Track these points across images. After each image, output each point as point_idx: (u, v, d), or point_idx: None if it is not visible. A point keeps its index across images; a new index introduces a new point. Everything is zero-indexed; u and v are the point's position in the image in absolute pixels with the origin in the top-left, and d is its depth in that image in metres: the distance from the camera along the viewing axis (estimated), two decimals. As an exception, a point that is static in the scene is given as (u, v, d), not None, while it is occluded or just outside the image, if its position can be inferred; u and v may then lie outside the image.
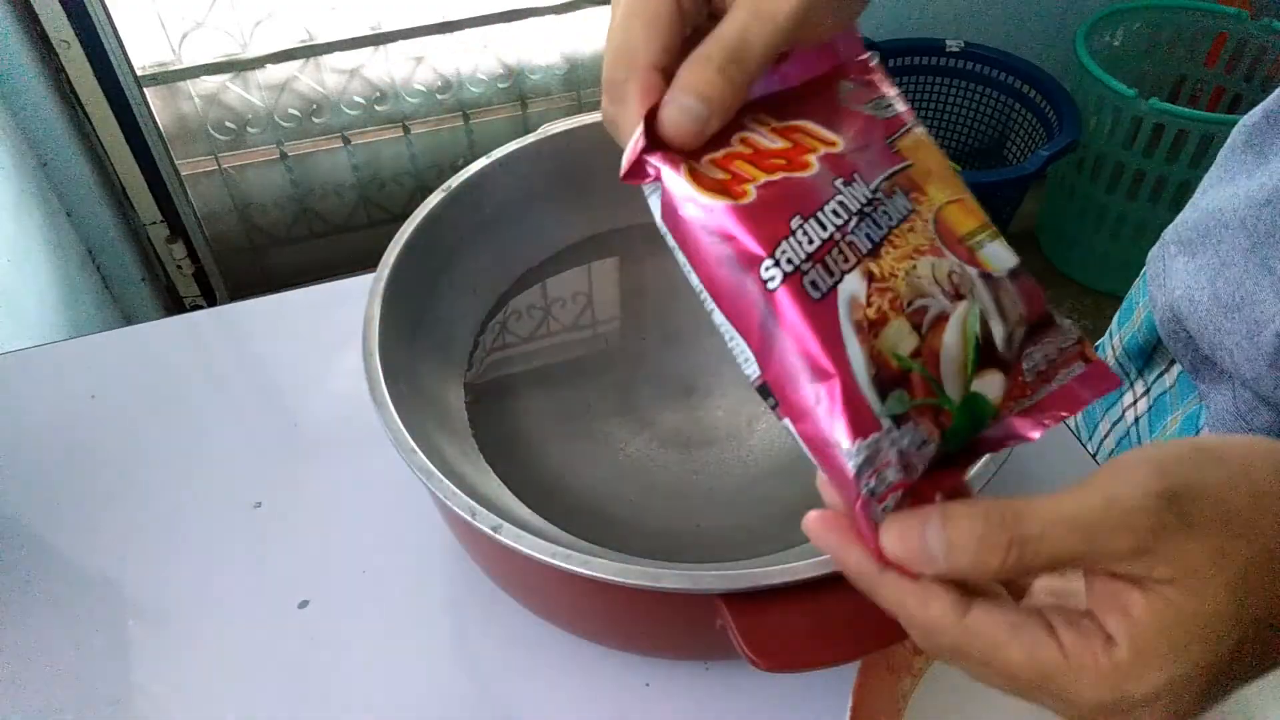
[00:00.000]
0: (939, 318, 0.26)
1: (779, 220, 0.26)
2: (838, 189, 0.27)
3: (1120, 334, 0.63)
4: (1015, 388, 0.28)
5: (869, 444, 0.25)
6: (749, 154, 0.28)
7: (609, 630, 0.46)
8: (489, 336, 0.56)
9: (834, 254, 0.26)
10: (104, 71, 1.27)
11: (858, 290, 0.26)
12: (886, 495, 0.26)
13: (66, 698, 0.47)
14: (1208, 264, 0.50)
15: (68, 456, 0.57)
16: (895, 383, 0.26)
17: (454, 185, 0.53)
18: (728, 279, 0.26)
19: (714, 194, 0.26)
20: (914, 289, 0.26)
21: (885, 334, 0.26)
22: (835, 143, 0.28)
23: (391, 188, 1.62)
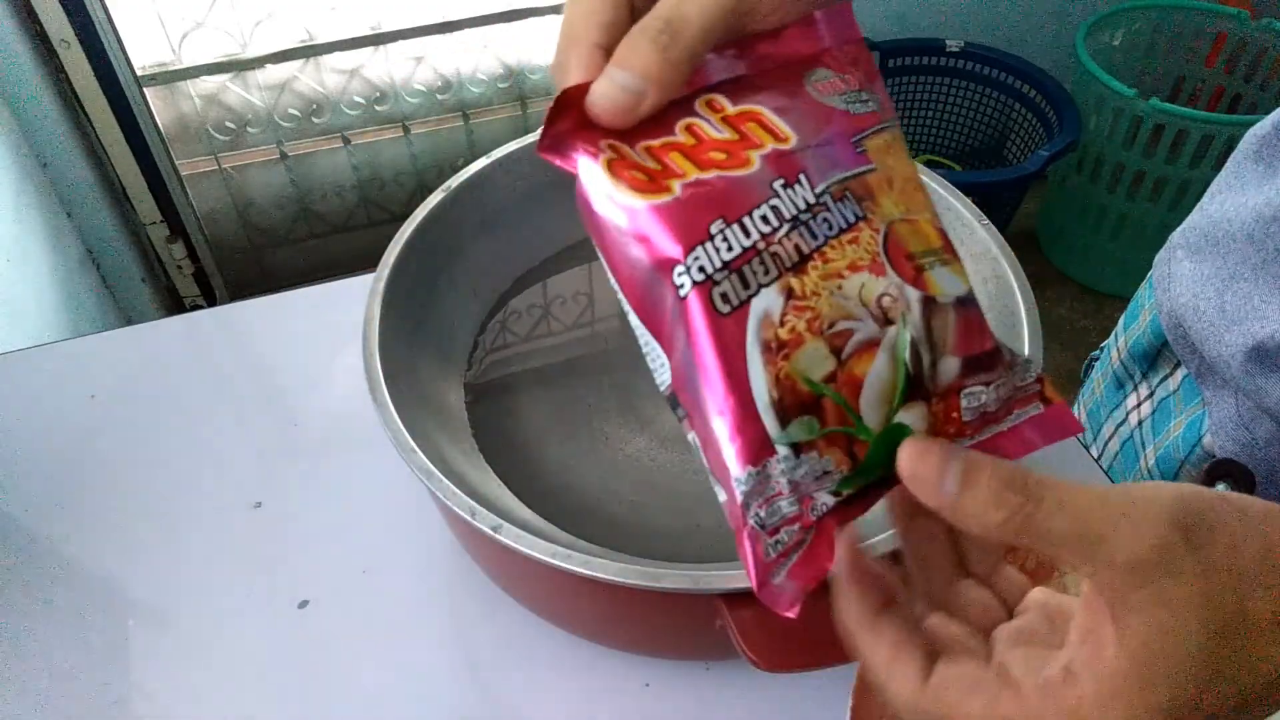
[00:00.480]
0: (866, 344, 0.25)
1: (699, 223, 0.24)
2: (775, 191, 0.25)
3: (1125, 336, 0.62)
4: (944, 424, 0.26)
5: (759, 471, 0.24)
6: (689, 145, 0.26)
7: (609, 630, 0.46)
8: (489, 336, 0.56)
9: (753, 264, 0.24)
10: (104, 71, 1.27)
11: (772, 307, 0.24)
12: (779, 529, 0.24)
13: (66, 698, 0.47)
14: (1215, 274, 0.50)
15: (68, 456, 0.57)
16: (803, 409, 0.24)
17: (454, 185, 0.53)
18: (642, 280, 0.25)
19: (632, 191, 0.24)
20: (837, 310, 0.25)
21: (797, 356, 0.24)
22: (788, 138, 0.26)
23: (391, 188, 1.62)
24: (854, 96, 0.28)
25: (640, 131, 0.26)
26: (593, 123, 0.25)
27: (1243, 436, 0.50)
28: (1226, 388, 0.51)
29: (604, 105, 0.25)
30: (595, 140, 0.25)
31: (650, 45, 0.25)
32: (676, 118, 0.26)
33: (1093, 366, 0.70)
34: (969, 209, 0.51)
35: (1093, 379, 0.69)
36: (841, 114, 0.27)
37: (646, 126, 0.26)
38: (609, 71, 0.25)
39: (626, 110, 0.25)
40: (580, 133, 0.25)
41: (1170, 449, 0.56)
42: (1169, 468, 0.56)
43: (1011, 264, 0.48)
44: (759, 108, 0.26)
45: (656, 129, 0.26)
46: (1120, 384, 0.64)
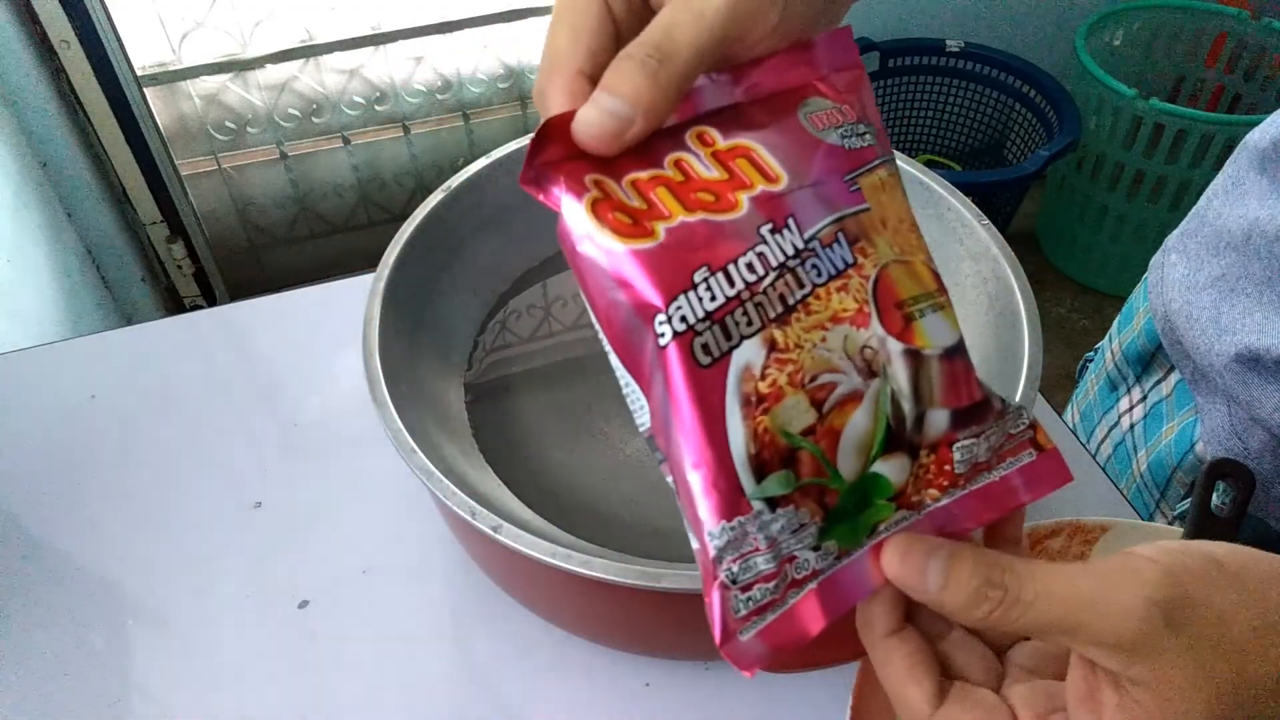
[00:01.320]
0: (848, 397, 0.24)
1: (683, 270, 0.23)
2: (761, 238, 0.24)
3: (1120, 339, 0.62)
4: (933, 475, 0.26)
5: (733, 527, 0.23)
6: (676, 182, 0.25)
7: (609, 630, 0.46)
8: (489, 336, 0.56)
9: (736, 315, 0.24)
10: (104, 71, 1.27)
11: (754, 360, 0.24)
12: (753, 586, 0.24)
13: (66, 698, 0.47)
14: (1210, 282, 0.50)
15: (68, 456, 0.57)
16: (781, 462, 0.24)
17: (454, 185, 0.53)
18: (623, 323, 0.24)
19: (615, 235, 0.24)
20: (819, 363, 0.24)
21: (777, 411, 0.24)
22: (778, 178, 0.25)
23: (391, 188, 1.62)
24: (850, 129, 0.27)
25: (627, 163, 0.25)
26: (577, 155, 0.25)
27: (1235, 446, 0.50)
28: (1219, 395, 0.51)
29: (590, 131, 0.24)
30: (580, 176, 0.24)
31: (639, 70, 0.24)
32: (665, 150, 0.25)
33: (1087, 368, 0.69)
34: (969, 209, 0.51)
35: (1087, 380, 0.68)
36: (837, 150, 0.26)
37: (634, 158, 0.25)
38: (596, 97, 0.24)
39: (613, 137, 0.24)
40: (564, 166, 0.25)
41: (1163, 454, 0.56)
42: (1161, 474, 0.56)
43: (1011, 264, 0.48)
44: (750, 143, 0.26)
45: (644, 161, 0.25)
46: (1114, 386, 0.64)
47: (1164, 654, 0.23)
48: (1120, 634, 0.23)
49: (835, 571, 0.25)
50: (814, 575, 0.24)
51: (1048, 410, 0.58)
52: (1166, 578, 0.24)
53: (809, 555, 0.24)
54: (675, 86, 0.25)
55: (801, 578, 0.24)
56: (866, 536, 0.25)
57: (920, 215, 0.55)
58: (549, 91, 0.26)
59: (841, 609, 0.25)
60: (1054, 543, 0.44)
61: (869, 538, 0.25)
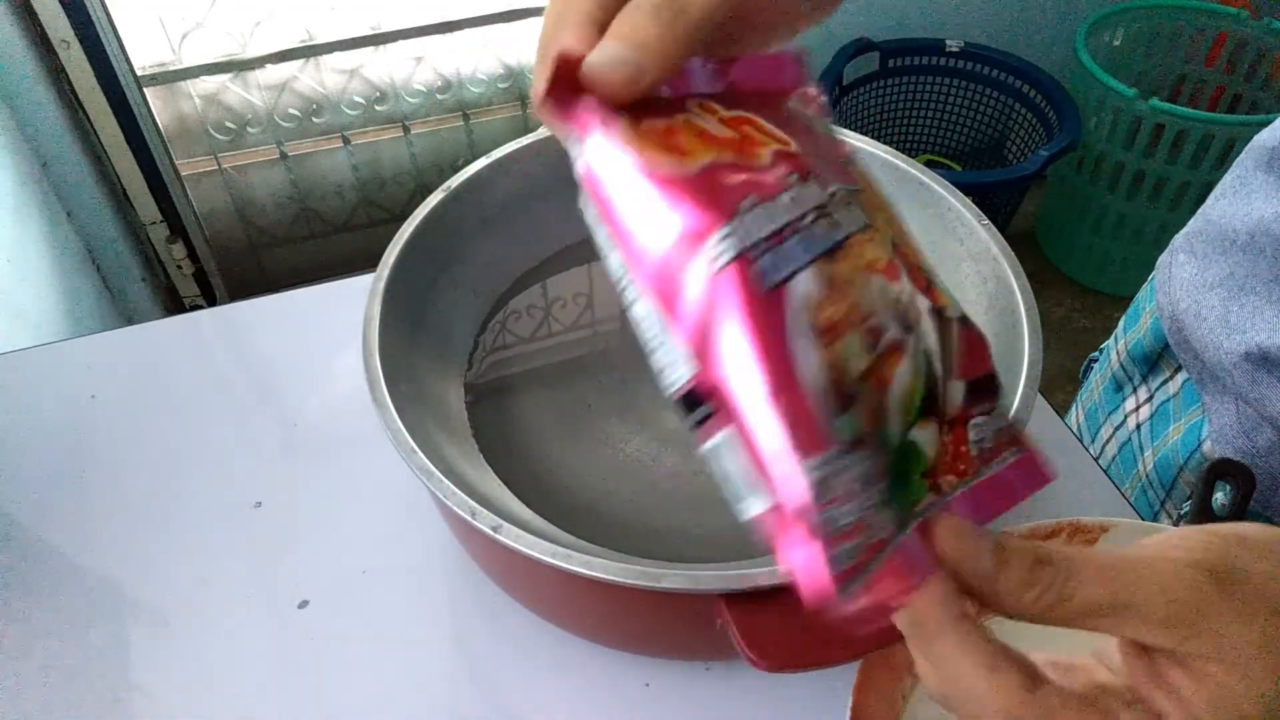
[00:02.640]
0: (894, 345, 0.23)
1: (730, 197, 0.22)
2: (793, 183, 0.23)
3: (1125, 339, 0.62)
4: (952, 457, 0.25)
5: (822, 461, 0.21)
6: (695, 132, 0.24)
7: (609, 630, 0.46)
8: (489, 336, 0.56)
9: (791, 243, 0.22)
10: (104, 71, 1.27)
11: (812, 290, 0.22)
12: (842, 539, 0.21)
13: (66, 698, 0.47)
14: (1219, 281, 0.50)
15: (68, 456, 0.57)
16: (850, 400, 0.22)
17: (454, 185, 0.53)
18: (663, 258, 0.22)
19: (659, 155, 0.23)
20: (870, 303, 0.23)
21: (842, 345, 0.22)
22: (788, 142, 0.25)
23: (391, 188, 1.62)
24: (828, 125, 0.27)
25: (645, 114, 0.24)
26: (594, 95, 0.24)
27: (1244, 444, 0.50)
28: (1227, 394, 0.51)
29: (603, 72, 0.24)
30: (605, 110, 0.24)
31: (653, 20, 0.24)
32: (674, 111, 0.25)
33: (1091, 368, 0.69)
34: (969, 209, 0.51)
35: (1091, 380, 0.68)
36: (826, 137, 0.27)
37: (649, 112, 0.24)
38: (608, 43, 0.24)
39: (626, 82, 0.24)
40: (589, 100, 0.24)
41: (1169, 454, 0.56)
42: (1167, 474, 0.56)
43: (1011, 264, 0.48)
44: (753, 115, 0.25)
45: (659, 115, 0.24)
46: (1119, 386, 0.64)
47: (1221, 621, 0.22)
48: (1172, 605, 0.22)
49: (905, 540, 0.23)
50: (892, 535, 0.23)
51: (1048, 411, 0.58)
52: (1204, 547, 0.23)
53: (881, 517, 0.22)
54: (686, 41, 0.24)
55: (877, 542, 0.22)
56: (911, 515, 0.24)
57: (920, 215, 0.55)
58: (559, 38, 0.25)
59: (918, 581, 0.23)
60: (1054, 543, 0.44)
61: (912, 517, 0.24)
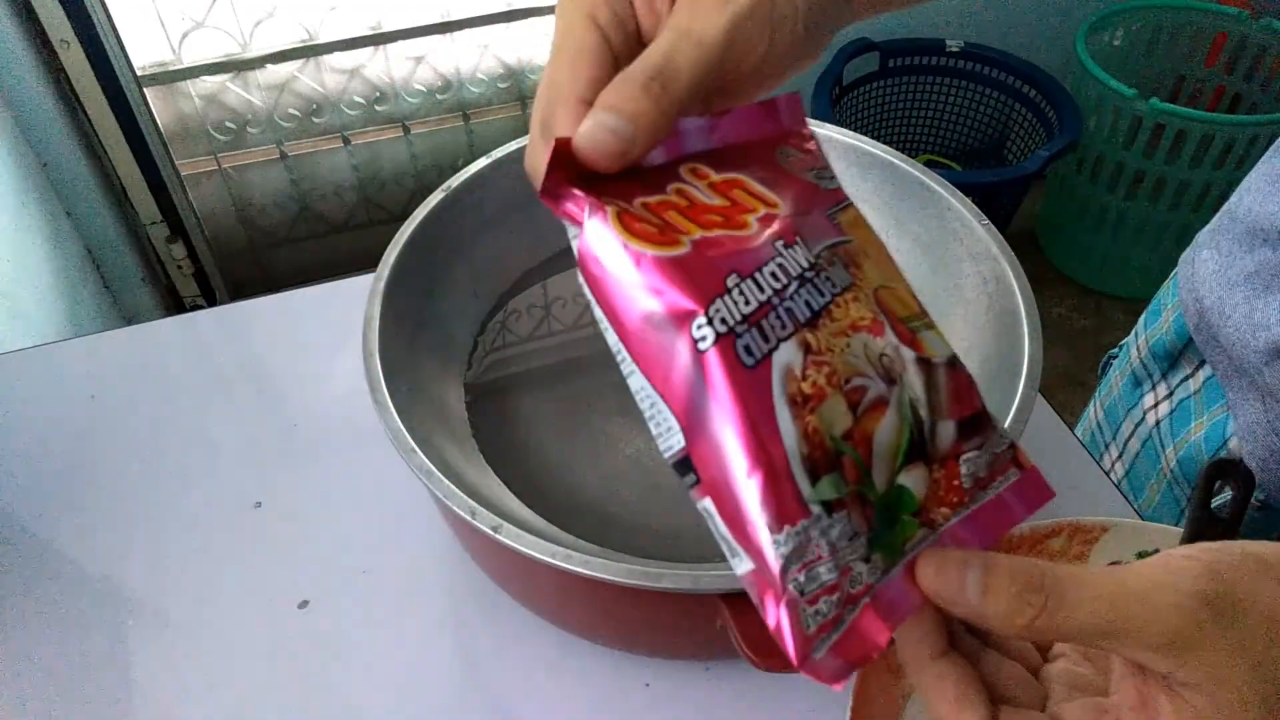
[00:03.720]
0: (877, 401, 0.24)
1: (714, 276, 0.24)
2: (778, 251, 0.25)
3: (1146, 335, 0.62)
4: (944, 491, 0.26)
5: (797, 531, 0.23)
6: (684, 205, 0.25)
7: (609, 630, 0.46)
8: (489, 336, 0.56)
9: (771, 318, 0.24)
10: (104, 71, 1.27)
11: (793, 360, 0.24)
12: (818, 598, 0.23)
13: (66, 698, 0.47)
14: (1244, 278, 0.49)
15: (68, 456, 0.57)
16: (829, 465, 0.23)
17: (454, 185, 0.53)
18: (653, 338, 0.24)
19: (644, 241, 0.24)
20: (851, 366, 0.24)
21: (822, 411, 0.23)
22: (776, 204, 0.26)
23: (391, 188, 1.62)
24: (820, 173, 0.28)
25: (635, 189, 0.25)
26: (590, 179, 0.25)
27: (1272, 442, 0.50)
28: (1253, 391, 0.51)
29: (594, 146, 0.24)
30: (598, 194, 0.25)
31: (641, 92, 0.25)
32: (666, 181, 0.26)
33: (1110, 364, 0.69)
34: (969, 209, 0.51)
35: (1110, 377, 0.68)
36: (813, 187, 0.27)
37: (639, 185, 0.25)
38: (597, 115, 0.25)
39: (616, 154, 0.25)
40: (582, 185, 0.25)
41: (1193, 451, 0.56)
42: (1192, 470, 0.56)
43: (1011, 264, 0.48)
44: (742, 176, 0.26)
45: (650, 188, 0.25)
46: (1138, 382, 0.63)
47: (1215, 651, 0.22)
48: (1167, 632, 0.22)
49: (881, 586, 0.24)
50: (868, 589, 0.24)
51: (1049, 411, 0.58)
52: (1209, 573, 0.23)
53: (862, 567, 0.24)
54: (674, 109, 0.25)
55: (858, 591, 0.24)
56: (899, 554, 0.25)
57: (920, 215, 0.55)
58: (556, 119, 0.26)
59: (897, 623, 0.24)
60: (1054, 543, 0.44)
61: (901, 555, 0.25)
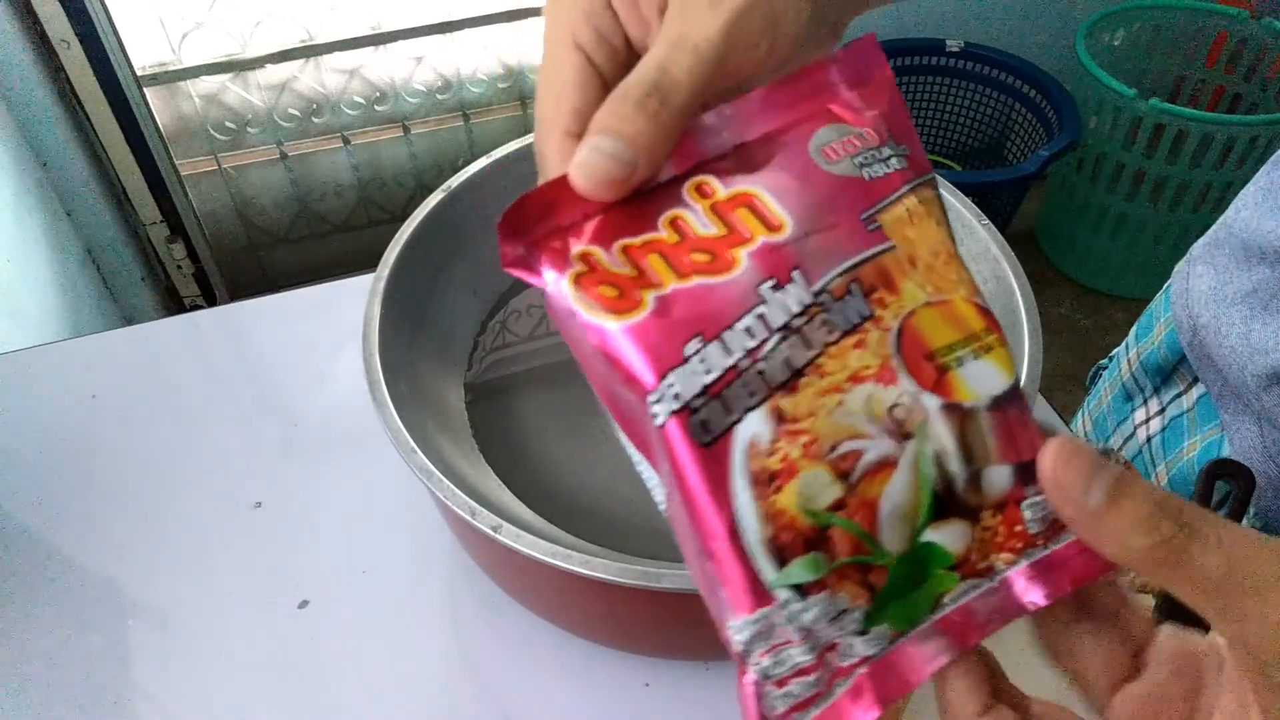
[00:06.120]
0: (880, 463, 0.22)
1: (674, 343, 0.22)
2: (762, 298, 0.22)
3: (1138, 349, 0.61)
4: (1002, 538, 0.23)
5: (755, 620, 0.21)
6: (670, 244, 0.23)
7: (609, 630, 0.46)
8: (489, 336, 0.56)
9: (736, 387, 0.22)
10: (104, 71, 1.27)
11: (760, 433, 0.21)
12: (788, 681, 0.21)
13: (66, 698, 0.47)
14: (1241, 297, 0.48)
15: (68, 456, 0.57)
16: (806, 545, 0.21)
17: (454, 185, 0.53)
18: (623, 400, 0.22)
19: (601, 310, 0.22)
20: (839, 430, 0.22)
21: (793, 487, 0.21)
22: (782, 226, 0.23)
23: (391, 188, 1.62)
24: (871, 156, 0.24)
25: (619, 227, 0.23)
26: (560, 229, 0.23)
27: (1268, 468, 0.48)
28: (1249, 414, 0.50)
29: (591, 176, 0.23)
30: (565, 251, 0.23)
31: (637, 110, 0.23)
32: (661, 208, 0.24)
33: (1099, 375, 0.68)
34: (969, 209, 0.51)
35: (1099, 389, 0.67)
36: (853, 183, 0.24)
37: (626, 221, 0.23)
38: (593, 141, 0.23)
39: (616, 183, 0.23)
40: (548, 242, 0.23)
41: (1185, 470, 0.55)
42: (1184, 491, 0.55)
43: (1011, 264, 0.48)
44: (753, 189, 0.24)
45: (637, 224, 0.23)
46: (1129, 396, 0.62)
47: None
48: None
49: (890, 653, 0.22)
50: (863, 661, 0.22)
51: (1050, 412, 0.58)
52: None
53: (854, 642, 0.22)
54: (676, 126, 0.23)
55: (848, 665, 0.22)
56: (929, 611, 0.23)
57: (920, 215, 0.54)
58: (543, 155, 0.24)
59: (899, 693, 0.22)
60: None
61: (933, 611, 0.23)
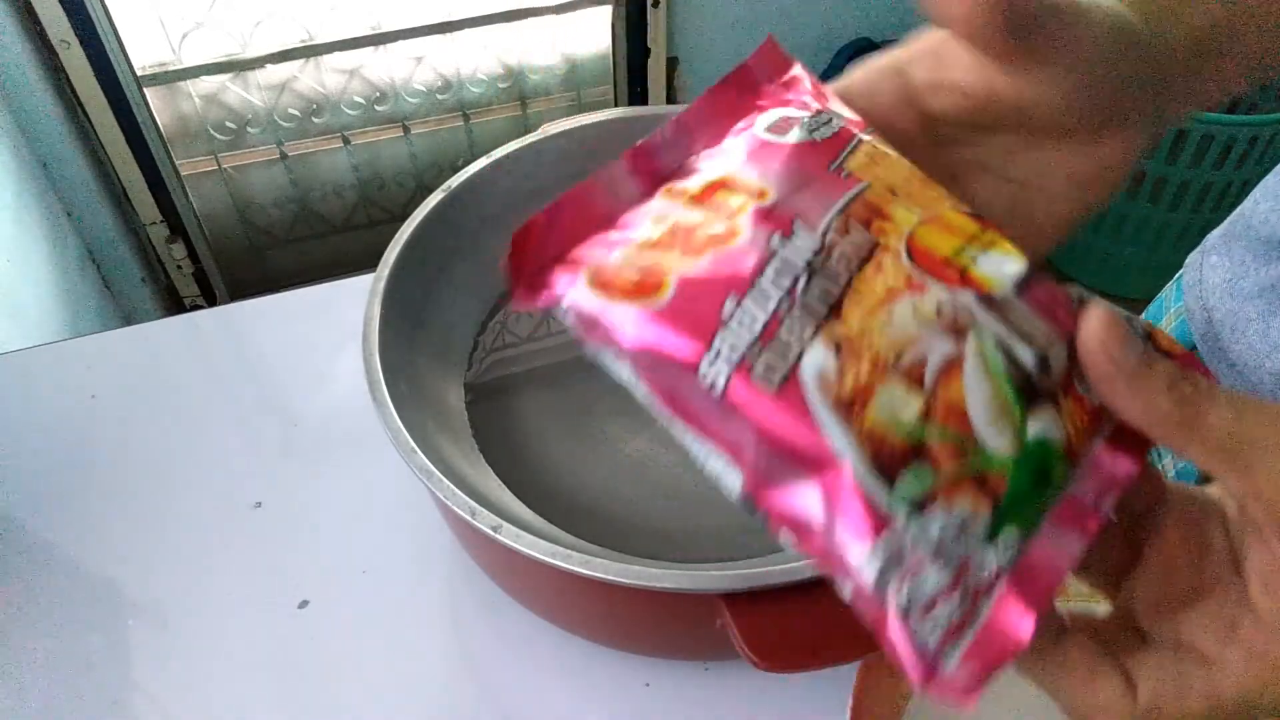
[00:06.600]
0: (948, 364, 0.22)
1: (709, 310, 0.22)
2: (774, 249, 0.23)
3: None
4: (1092, 422, 0.23)
5: (882, 544, 0.20)
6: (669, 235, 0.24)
7: (609, 630, 0.46)
8: (489, 336, 0.56)
9: (786, 328, 0.22)
10: (104, 71, 1.27)
11: (825, 364, 0.21)
12: (934, 605, 0.21)
13: (66, 698, 0.47)
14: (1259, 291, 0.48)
15: (68, 456, 0.57)
16: (907, 459, 0.21)
17: (454, 185, 0.53)
18: (675, 389, 0.22)
19: (626, 300, 0.22)
20: (897, 341, 0.22)
21: (875, 405, 0.21)
22: (765, 192, 0.24)
23: (391, 188, 1.62)
24: (816, 122, 0.26)
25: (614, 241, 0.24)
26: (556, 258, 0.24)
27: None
28: None
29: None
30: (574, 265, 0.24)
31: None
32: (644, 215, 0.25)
33: None
34: (969, 209, 0.51)
35: None
36: (809, 146, 0.25)
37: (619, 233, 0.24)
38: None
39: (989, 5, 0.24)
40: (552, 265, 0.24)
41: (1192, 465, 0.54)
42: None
43: (1012, 264, 0.48)
44: (723, 175, 0.25)
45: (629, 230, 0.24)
46: None
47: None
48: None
49: (1023, 559, 0.22)
50: (999, 573, 0.21)
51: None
52: None
53: (985, 553, 0.21)
54: None
55: (987, 580, 0.21)
56: (1049, 506, 0.22)
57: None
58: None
59: (1046, 594, 0.22)
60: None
61: (1053, 505, 0.22)
